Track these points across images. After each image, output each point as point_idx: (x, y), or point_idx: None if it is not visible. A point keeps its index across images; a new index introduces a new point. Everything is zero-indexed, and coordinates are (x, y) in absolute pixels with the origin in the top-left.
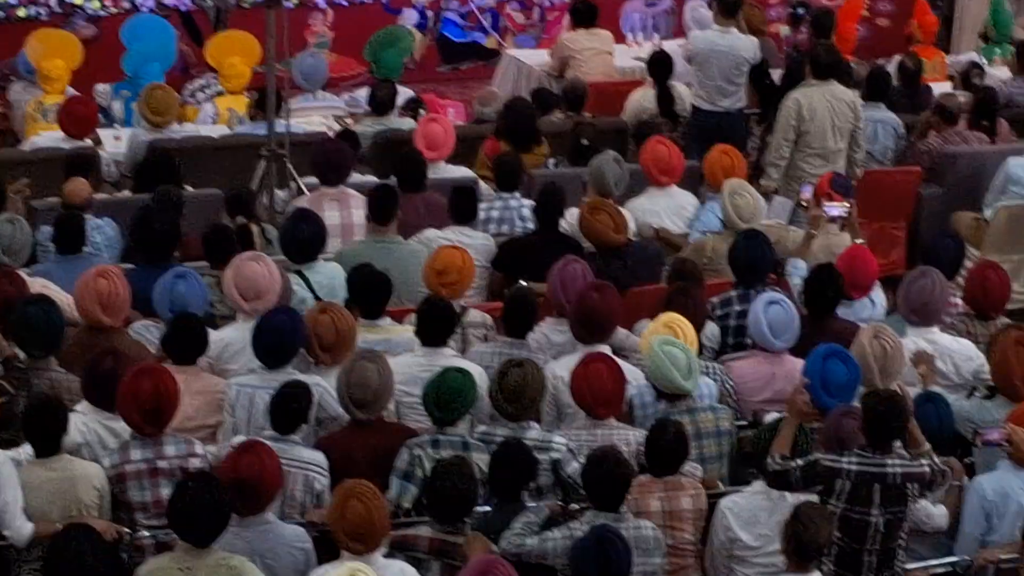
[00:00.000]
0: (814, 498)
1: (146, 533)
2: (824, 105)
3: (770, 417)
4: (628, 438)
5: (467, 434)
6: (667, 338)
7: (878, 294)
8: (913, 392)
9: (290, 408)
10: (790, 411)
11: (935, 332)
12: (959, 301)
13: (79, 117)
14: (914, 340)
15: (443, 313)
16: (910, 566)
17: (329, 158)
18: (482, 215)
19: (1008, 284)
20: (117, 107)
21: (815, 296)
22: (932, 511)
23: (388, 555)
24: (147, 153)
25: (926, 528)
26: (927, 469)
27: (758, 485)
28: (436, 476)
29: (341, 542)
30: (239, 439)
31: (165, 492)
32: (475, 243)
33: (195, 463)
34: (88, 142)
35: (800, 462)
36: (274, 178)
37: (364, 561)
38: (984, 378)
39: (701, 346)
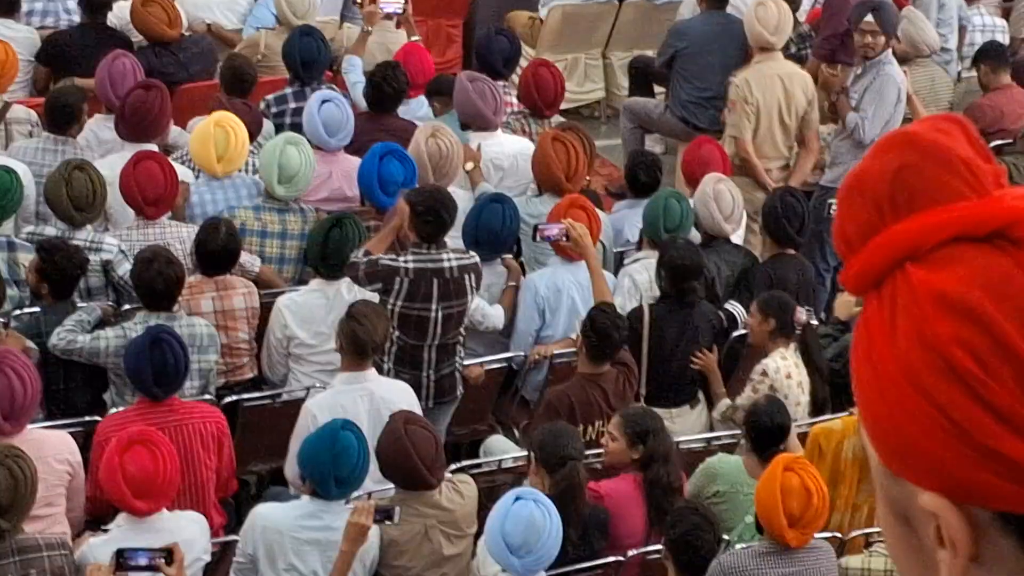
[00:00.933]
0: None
1: None
2: None
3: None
4: (182, 235)
5: (13, 234)
6: (290, 137)
7: None
8: (478, 192)
9: None
10: (396, 214)
11: (498, 135)
12: (514, 100)
13: None
14: (475, 142)
15: None
16: (468, 362)
17: None
18: (25, 7)
19: (562, 82)
20: None
21: (376, 93)
22: (488, 311)
23: None
24: None
25: (482, 328)
26: (477, 259)
27: (315, 283)
28: None
29: None
30: None
31: None
32: (18, 36)
33: None
34: None
35: (363, 258)
36: None
37: None
38: None
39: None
